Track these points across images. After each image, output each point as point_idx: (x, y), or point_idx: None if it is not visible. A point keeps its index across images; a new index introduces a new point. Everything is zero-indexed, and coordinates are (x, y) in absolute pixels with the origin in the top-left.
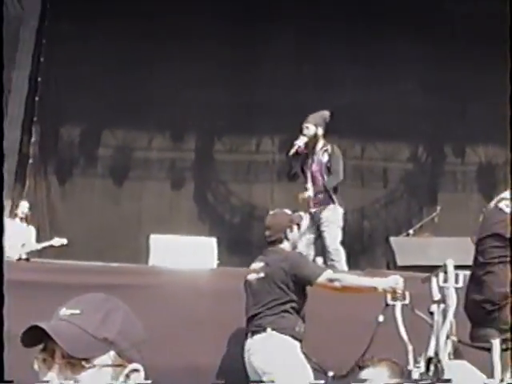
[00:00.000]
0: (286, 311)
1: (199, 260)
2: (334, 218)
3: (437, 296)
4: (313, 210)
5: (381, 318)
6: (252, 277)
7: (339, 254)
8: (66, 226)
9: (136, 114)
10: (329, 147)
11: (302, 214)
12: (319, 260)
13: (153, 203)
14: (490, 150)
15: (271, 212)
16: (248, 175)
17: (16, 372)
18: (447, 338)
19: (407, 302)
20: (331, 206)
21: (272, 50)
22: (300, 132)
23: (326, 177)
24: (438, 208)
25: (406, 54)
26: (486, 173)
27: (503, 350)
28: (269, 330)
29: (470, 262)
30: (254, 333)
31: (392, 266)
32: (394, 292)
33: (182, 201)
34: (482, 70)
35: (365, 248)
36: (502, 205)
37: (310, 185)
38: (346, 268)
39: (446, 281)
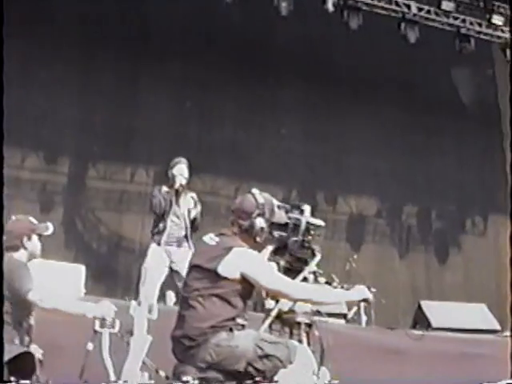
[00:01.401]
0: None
1: (65, 287)
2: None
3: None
4: (167, 247)
5: (90, 346)
6: None
7: None
8: None
9: (10, 130)
10: (194, 195)
11: (49, 224)
12: (172, 294)
13: None
14: (362, 202)
15: (13, 217)
16: (119, 205)
17: None
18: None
19: (116, 329)
20: (187, 248)
21: (156, 83)
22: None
23: (188, 221)
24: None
25: (290, 100)
26: (355, 223)
27: None
28: None
29: (337, 309)
30: None
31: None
32: (103, 319)
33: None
34: (362, 124)
35: None
36: (205, 237)
37: (168, 224)
38: None
39: (135, 310)
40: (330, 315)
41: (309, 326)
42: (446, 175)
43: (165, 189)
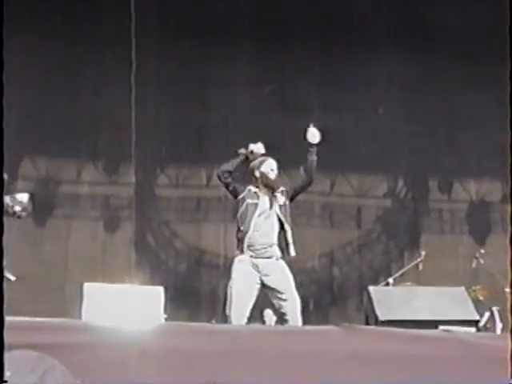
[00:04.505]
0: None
1: (144, 314)
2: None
3: None
4: (255, 260)
5: None
6: None
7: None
8: None
9: (63, 139)
10: (283, 188)
11: None
12: (269, 312)
13: (83, 247)
14: (484, 186)
15: None
16: (197, 214)
17: None
18: None
19: None
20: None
21: (227, 68)
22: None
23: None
24: (423, 253)
25: (385, 74)
26: (478, 212)
27: None
28: None
29: (465, 316)
30: None
31: (372, 320)
32: None
33: (117, 244)
34: (473, 93)
35: (336, 300)
36: None
37: (252, 228)
38: (300, 321)
39: None
40: (458, 322)
41: None
42: None
43: (253, 189)
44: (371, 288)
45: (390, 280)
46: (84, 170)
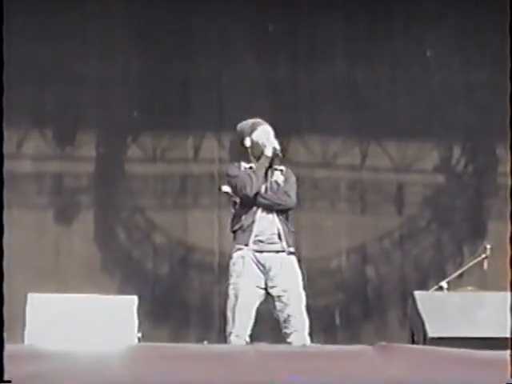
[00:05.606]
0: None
1: (110, 332)
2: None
3: None
4: (258, 255)
5: None
6: None
7: (303, 321)
8: None
9: None
10: (283, 168)
11: None
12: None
13: (27, 244)
14: None
15: None
16: (182, 197)
17: None
18: None
19: None
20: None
21: (219, 4)
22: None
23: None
24: (488, 246)
25: (431, 8)
26: None
27: None
28: None
29: None
30: None
31: (420, 338)
32: None
33: (74, 241)
34: None
35: (370, 310)
36: None
37: (258, 216)
38: (308, 341)
39: None
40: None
41: None
42: None
43: (245, 165)
44: (418, 294)
45: (444, 283)
46: (27, 139)
